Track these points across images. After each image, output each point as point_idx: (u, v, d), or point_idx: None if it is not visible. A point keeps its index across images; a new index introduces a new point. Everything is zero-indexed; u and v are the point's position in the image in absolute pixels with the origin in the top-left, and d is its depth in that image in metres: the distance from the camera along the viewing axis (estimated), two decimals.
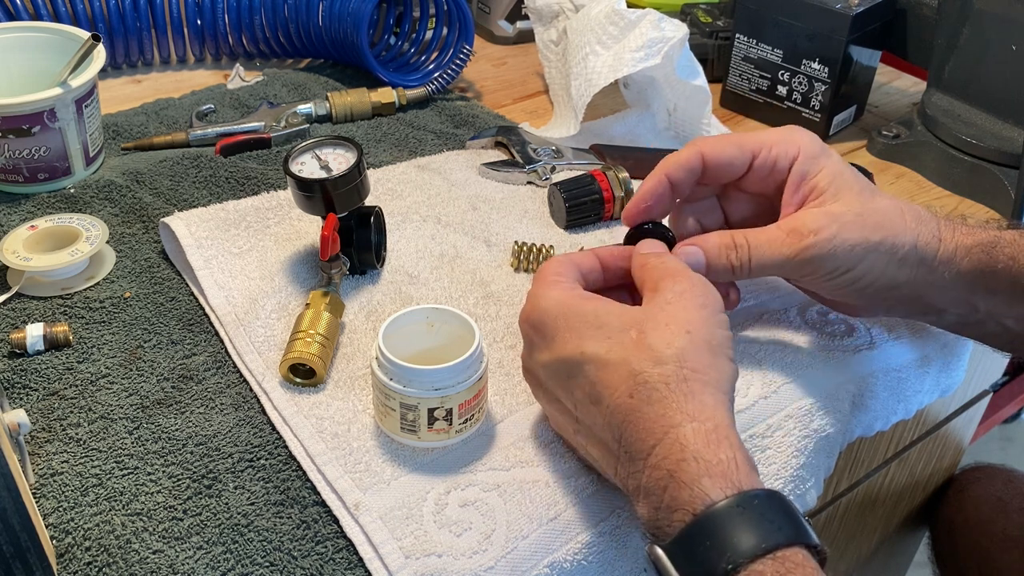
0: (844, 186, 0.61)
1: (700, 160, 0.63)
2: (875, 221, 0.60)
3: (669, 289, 0.55)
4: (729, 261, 0.61)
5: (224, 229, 0.74)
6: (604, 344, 0.52)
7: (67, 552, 0.53)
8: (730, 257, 0.61)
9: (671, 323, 0.53)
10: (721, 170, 0.63)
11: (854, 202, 0.61)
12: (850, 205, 0.61)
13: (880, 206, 0.61)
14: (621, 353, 0.52)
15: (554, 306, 0.55)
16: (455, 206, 0.80)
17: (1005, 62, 0.87)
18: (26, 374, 0.64)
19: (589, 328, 0.53)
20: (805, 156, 0.62)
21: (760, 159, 0.63)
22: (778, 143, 0.63)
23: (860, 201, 0.61)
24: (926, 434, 0.96)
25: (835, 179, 0.61)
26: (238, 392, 0.64)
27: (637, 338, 0.52)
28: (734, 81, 1.00)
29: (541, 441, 0.60)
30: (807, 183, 0.62)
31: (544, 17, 0.95)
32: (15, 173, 0.79)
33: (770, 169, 0.63)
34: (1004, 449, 1.89)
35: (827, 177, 0.61)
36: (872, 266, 0.61)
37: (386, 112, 0.95)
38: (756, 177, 0.64)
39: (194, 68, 1.03)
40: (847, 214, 0.60)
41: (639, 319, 0.53)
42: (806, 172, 0.62)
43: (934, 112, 0.92)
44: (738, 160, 0.63)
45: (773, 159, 0.63)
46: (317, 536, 0.55)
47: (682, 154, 0.63)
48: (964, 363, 0.75)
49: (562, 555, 0.55)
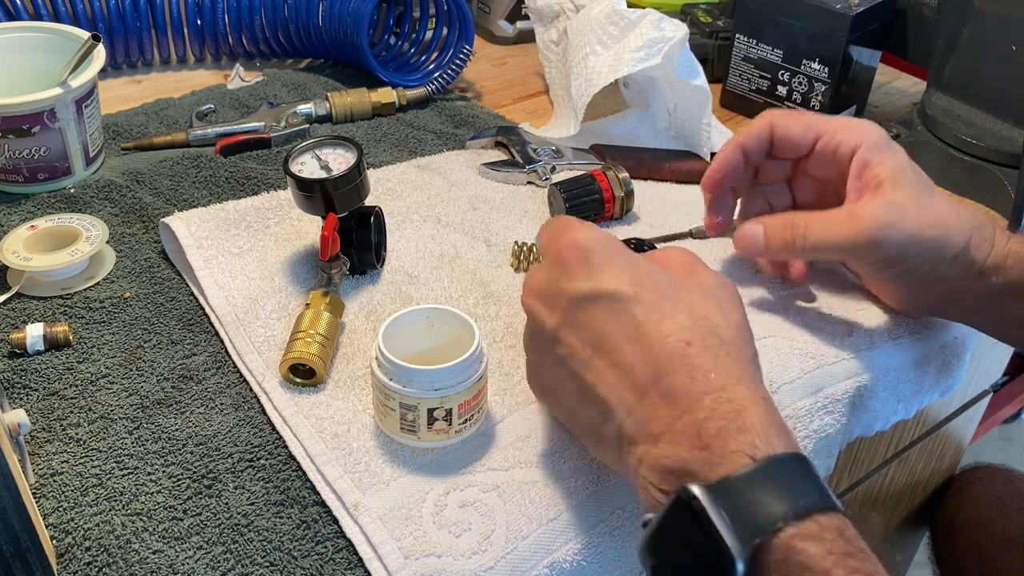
0: (904, 180, 0.63)
1: (770, 130, 0.66)
2: (932, 217, 0.62)
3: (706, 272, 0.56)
4: (785, 239, 0.64)
5: (224, 229, 0.74)
6: (661, 291, 0.52)
7: (67, 552, 0.53)
8: (786, 235, 0.64)
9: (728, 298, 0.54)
10: (786, 144, 0.67)
11: (913, 196, 0.62)
12: (909, 198, 0.62)
13: (937, 204, 0.63)
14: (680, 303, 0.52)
15: (604, 241, 0.54)
16: (455, 206, 0.80)
17: (1005, 62, 0.87)
18: (26, 374, 0.64)
19: (644, 274, 0.53)
20: (868, 145, 0.64)
21: (823, 141, 0.65)
22: (843, 129, 0.65)
23: (918, 196, 0.62)
24: (926, 434, 0.96)
25: (896, 172, 0.63)
26: (238, 392, 0.64)
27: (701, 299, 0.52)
28: (734, 81, 1.00)
29: (541, 441, 0.60)
30: (869, 171, 0.63)
31: (544, 17, 0.95)
32: (15, 173, 0.79)
33: (832, 153, 0.65)
34: (1004, 449, 1.89)
35: (888, 169, 0.63)
36: (923, 260, 0.62)
37: (386, 112, 0.95)
38: (819, 160, 0.66)
39: (194, 68, 1.03)
40: (906, 206, 0.62)
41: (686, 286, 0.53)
42: (868, 161, 0.64)
43: (934, 112, 0.92)
44: (802, 138, 0.66)
45: (836, 144, 0.65)
46: (317, 536, 0.55)
47: (754, 124, 0.67)
48: (964, 363, 0.75)
49: (562, 555, 0.55)
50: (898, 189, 0.62)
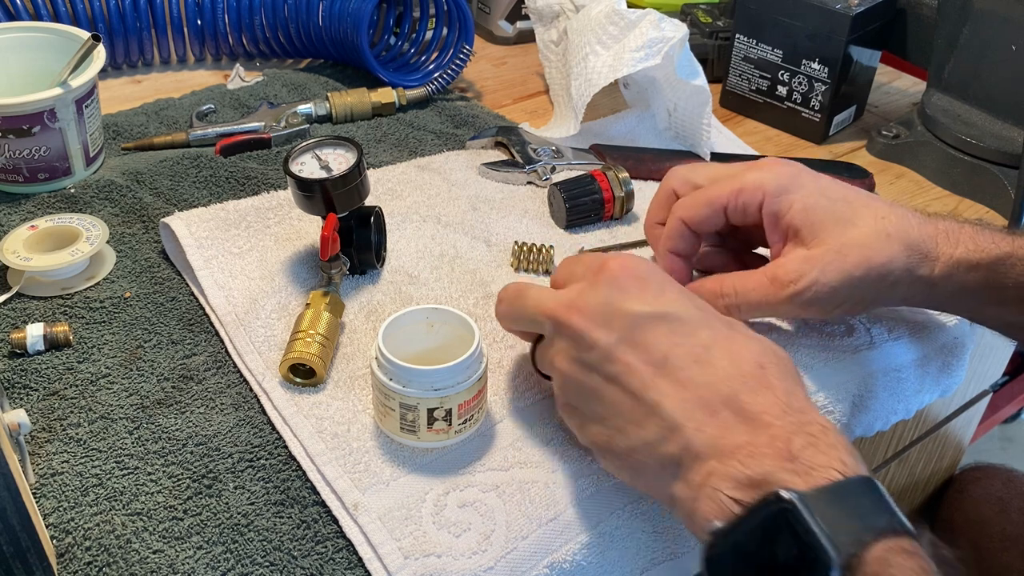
0: (818, 221, 0.60)
1: (685, 227, 0.65)
2: (857, 255, 0.59)
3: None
4: (721, 307, 0.62)
5: (224, 229, 0.74)
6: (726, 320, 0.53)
7: (67, 552, 0.53)
8: (719, 304, 0.63)
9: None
10: (704, 227, 0.65)
11: (831, 238, 0.60)
12: (828, 242, 0.60)
13: (860, 237, 0.60)
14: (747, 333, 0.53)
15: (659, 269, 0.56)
16: (455, 206, 0.80)
17: (1005, 62, 0.87)
18: (26, 374, 0.64)
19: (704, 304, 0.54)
20: (770, 197, 0.62)
21: (731, 209, 0.64)
22: (744, 190, 0.63)
23: (837, 235, 0.60)
24: (926, 434, 0.96)
25: (808, 215, 0.61)
26: (238, 392, 0.64)
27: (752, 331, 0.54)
28: (734, 81, 1.00)
29: (540, 441, 0.60)
30: (781, 222, 0.62)
31: (545, 17, 0.95)
32: (15, 173, 0.79)
33: (742, 216, 0.64)
34: (1004, 449, 1.89)
35: (798, 214, 0.61)
36: (863, 296, 0.61)
37: (386, 112, 0.95)
38: (736, 222, 0.65)
39: (194, 68, 1.03)
40: (826, 254, 0.60)
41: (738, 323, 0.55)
42: (777, 212, 0.62)
43: (934, 112, 0.92)
44: (713, 217, 0.64)
45: (742, 207, 0.63)
46: (317, 536, 0.55)
47: (669, 227, 0.66)
48: (964, 363, 0.75)
49: (561, 555, 0.55)
50: (816, 234, 0.60)
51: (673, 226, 0.66)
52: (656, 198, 0.70)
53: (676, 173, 0.68)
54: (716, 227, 0.66)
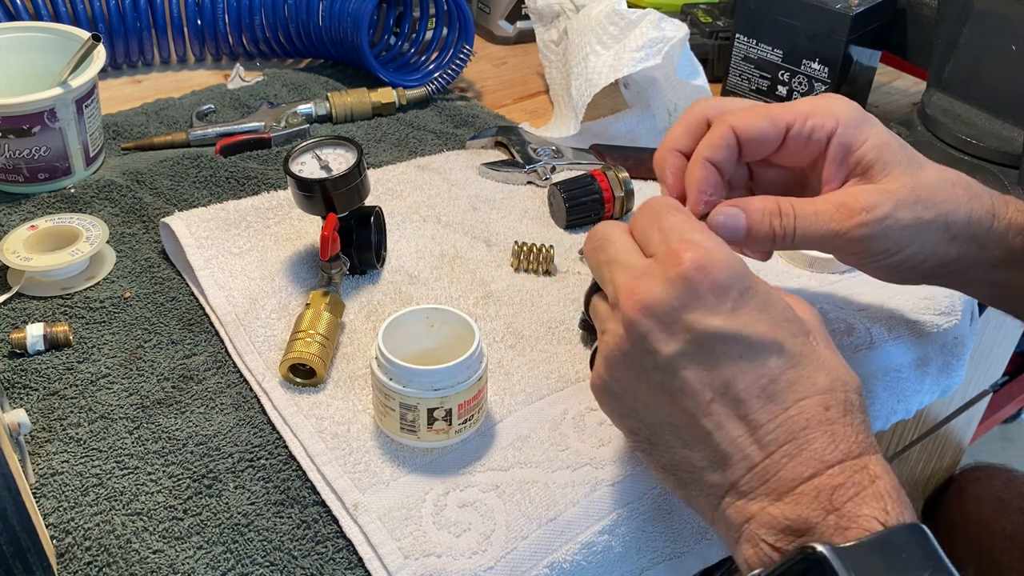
0: (892, 159, 0.57)
1: (733, 136, 0.58)
2: (927, 197, 0.56)
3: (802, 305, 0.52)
4: (772, 228, 0.56)
5: (224, 229, 0.74)
6: (799, 343, 0.49)
7: (67, 552, 0.53)
8: (774, 224, 0.56)
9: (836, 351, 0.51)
10: (753, 146, 0.58)
11: (904, 177, 0.56)
12: (901, 180, 0.56)
13: (931, 179, 0.57)
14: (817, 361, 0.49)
15: (741, 271, 0.49)
16: (455, 206, 0.80)
17: (1005, 62, 0.87)
18: (26, 374, 0.64)
19: (781, 319, 0.49)
20: (845, 126, 0.57)
21: (795, 131, 0.58)
22: (814, 113, 0.58)
23: (910, 175, 0.56)
24: (926, 434, 0.96)
25: (882, 151, 0.57)
26: (238, 392, 0.64)
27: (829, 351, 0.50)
28: (734, 81, 1.00)
29: (540, 441, 0.60)
30: (852, 156, 0.57)
31: (545, 17, 0.95)
32: (15, 173, 0.79)
33: (805, 142, 0.58)
34: (1004, 449, 1.89)
35: (873, 149, 0.57)
36: (923, 246, 0.57)
37: (386, 112, 0.95)
38: (790, 151, 0.59)
39: (194, 68, 1.03)
40: (900, 191, 0.56)
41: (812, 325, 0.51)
42: (849, 144, 0.57)
43: (934, 112, 0.92)
44: (771, 134, 0.58)
45: (808, 131, 0.58)
46: (317, 536, 0.55)
47: (714, 134, 0.58)
48: (964, 363, 0.75)
49: (561, 555, 0.55)
50: (888, 171, 0.56)
51: (720, 132, 0.58)
52: (680, 124, 0.60)
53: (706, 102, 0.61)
54: (766, 149, 0.59)
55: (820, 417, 0.48)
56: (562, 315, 0.70)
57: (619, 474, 0.58)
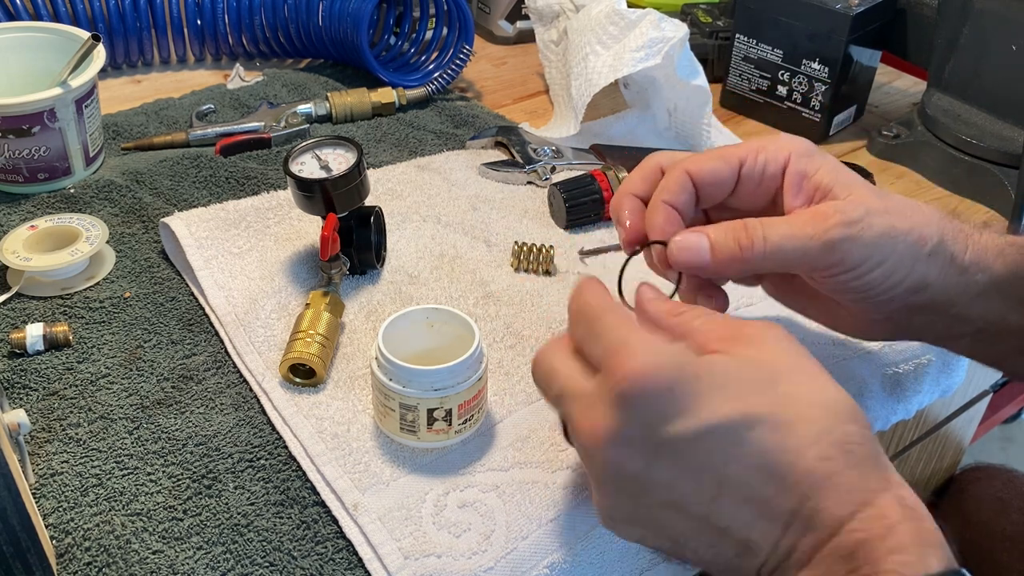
0: (850, 180, 0.56)
1: (689, 180, 0.57)
2: (897, 210, 0.55)
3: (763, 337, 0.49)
4: (738, 243, 0.55)
5: (224, 229, 0.74)
6: (768, 400, 0.46)
7: (67, 552, 0.53)
8: (739, 238, 0.55)
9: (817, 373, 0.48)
10: (709, 188, 0.58)
11: (869, 194, 0.56)
12: (866, 195, 0.55)
13: (897, 198, 0.57)
14: (796, 409, 0.46)
15: (681, 363, 0.46)
16: (455, 206, 0.80)
17: (1005, 62, 0.87)
18: (26, 374, 0.64)
19: (740, 386, 0.46)
20: (797, 156, 0.57)
21: (747, 167, 0.57)
22: (764, 148, 0.58)
23: (874, 193, 0.56)
24: (926, 434, 0.96)
25: (838, 174, 0.56)
26: (238, 392, 0.64)
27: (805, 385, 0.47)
28: (734, 81, 1.00)
29: (540, 441, 0.60)
30: (808, 182, 0.56)
31: (545, 18, 0.95)
32: (15, 173, 0.79)
33: (759, 177, 0.57)
34: (1004, 449, 1.89)
35: (828, 174, 0.56)
36: (900, 259, 0.55)
37: (386, 112, 0.95)
38: (746, 189, 0.58)
39: (194, 68, 1.03)
40: (867, 202, 0.55)
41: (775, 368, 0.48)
42: (804, 171, 0.57)
43: (934, 112, 0.92)
44: (725, 172, 0.57)
45: (762, 165, 0.57)
46: (317, 536, 0.55)
47: (669, 178, 0.57)
48: (964, 363, 0.75)
49: (562, 555, 0.55)
50: (851, 190, 0.55)
51: (676, 176, 0.57)
52: (637, 171, 0.60)
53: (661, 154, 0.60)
54: (722, 189, 0.58)
55: (823, 471, 0.45)
56: (562, 315, 0.70)
57: None
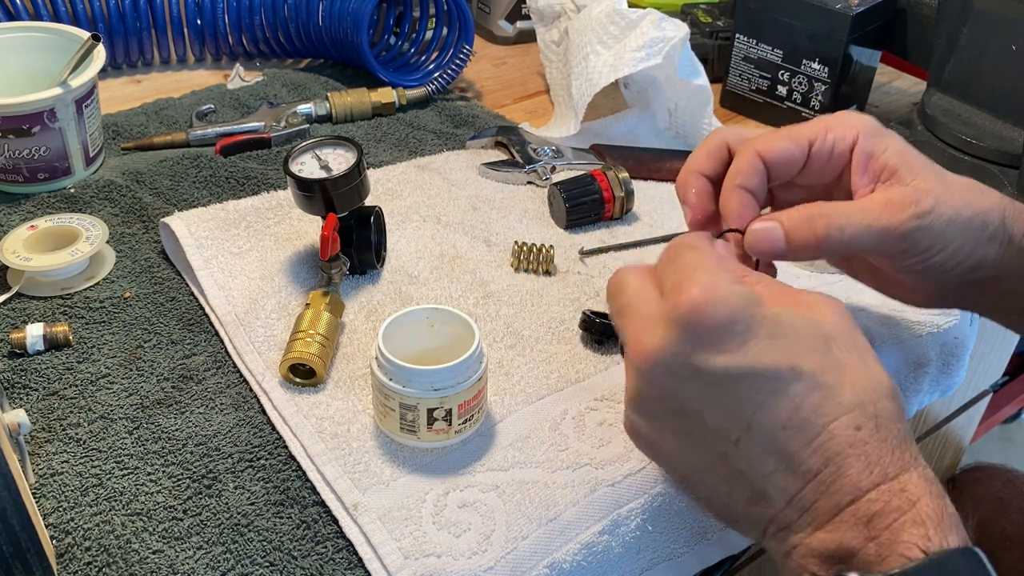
0: (916, 162, 0.57)
1: (760, 161, 0.58)
2: (961, 196, 0.56)
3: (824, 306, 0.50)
4: (813, 231, 0.55)
5: (224, 229, 0.74)
6: (817, 360, 0.47)
7: (67, 552, 0.53)
8: (815, 225, 0.55)
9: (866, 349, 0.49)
10: (780, 167, 0.58)
11: (933, 178, 0.56)
12: (931, 180, 0.56)
13: (959, 181, 0.57)
14: (841, 375, 0.47)
15: (746, 303, 0.48)
16: (455, 206, 0.80)
17: (1005, 62, 0.87)
18: (26, 374, 0.64)
19: (795, 340, 0.47)
20: (865, 136, 0.58)
21: (817, 147, 0.58)
22: (833, 127, 0.58)
23: (937, 176, 0.57)
24: (926, 434, 0.96)
25: (904, 155, 0.57)
26: (238, 392, 0.64)
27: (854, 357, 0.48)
28: (734, 81, 1.00)
29: (540, 441, 0.60)
30: (876, 161, 0.57)
31: (546, 18, 0.95)
32: (15, 173, 0.79)
33: (828, 156, 0.58)
34: (1004, 449, 1.89)
35: (896, 154, 0.57)
36: (963, 243, 0.56)
37: (386, 112, 0.95)
38: (813, 168, 0.59)
39: (194, 68, 1.03)
40: (934, 189, 0.55)
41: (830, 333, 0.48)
42: (871, 151, 0.57)
43: (934, 112, 0.92)
44: (796, 153, 0.58)
45: (830, 145, 0.58)
46: (317, 536, 0.55)
47: (742, 160, 0.58)
48: (964, 363, 0.75)
49: (561, 555, 0.55)
50: (916, 174, 0.56)
51: (747, 159, 0.58)
52: (702, 147, 0.61)
53: (725, 130, 0.61)
54: (792, 170, 0.58)
55: (852, 439, 0.46)
56: (562, 315, 0.70)
57: (619, 474, 0.58)
